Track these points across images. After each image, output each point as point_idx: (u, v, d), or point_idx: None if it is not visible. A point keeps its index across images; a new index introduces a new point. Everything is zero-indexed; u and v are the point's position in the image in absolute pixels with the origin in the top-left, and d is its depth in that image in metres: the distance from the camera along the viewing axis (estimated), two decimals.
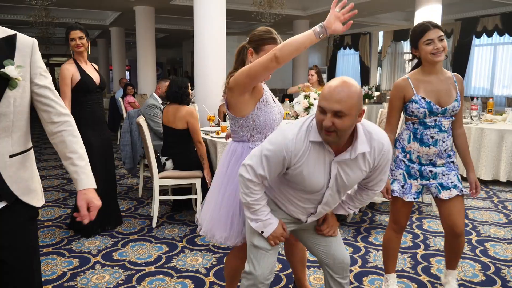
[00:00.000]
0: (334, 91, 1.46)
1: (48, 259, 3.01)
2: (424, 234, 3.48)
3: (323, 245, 1.89)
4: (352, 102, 1.46)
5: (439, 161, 2.23)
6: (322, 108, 1.49)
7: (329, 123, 1.46)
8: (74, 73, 3.27)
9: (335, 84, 1.49)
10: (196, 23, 5.59)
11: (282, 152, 1.57)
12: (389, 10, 10.60)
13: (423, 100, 2.16)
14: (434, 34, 2.11)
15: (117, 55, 13.00)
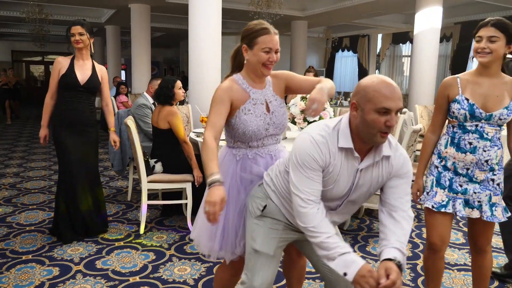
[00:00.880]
0: (394, 89, 1.38)
1: (27, 267, 2.83)
2: (423, 244, 3.32)
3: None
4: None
5: (478, 174, 2.01)
6: (387, 108, 1.37)
7: (395, 122, 1.38)
8: (63, 67, 3.16)
9: (386, 82, 1.40)
10: (191, 22, 5.41)
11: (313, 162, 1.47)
12: (389, 12, 10.47)
13: (466, 101, 1.99)
14: (485, 32, 1.95)
15: (112, 53, 12.81)
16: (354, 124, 1.46)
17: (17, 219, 3.77)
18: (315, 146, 1.45)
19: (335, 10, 9.59)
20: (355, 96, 1.44)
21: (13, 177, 5.29)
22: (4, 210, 4.00)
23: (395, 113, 1.38)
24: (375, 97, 1.37)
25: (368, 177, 1.52)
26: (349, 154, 1.48)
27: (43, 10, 9.89)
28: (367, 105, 1.38)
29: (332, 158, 1.46)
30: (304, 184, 1.46)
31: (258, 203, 1.70)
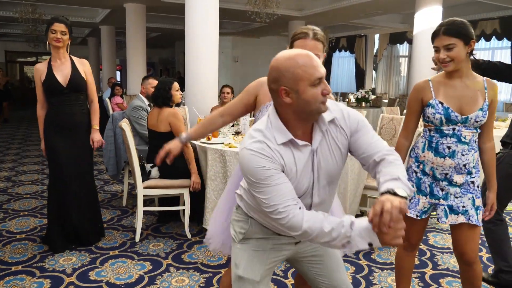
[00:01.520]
0: (313, 56, 1.30)
1: (16, 279, 2.69)
2: (430, 251, 3.22)
3: (325, 276, 1.61)
4: None
5: (457, 178, 1.95)
6: (320, 77, 1.29)
7: (329, 87, 1.32)
8: (42, 73, 3.03)
9: (303, 54, 1.30)
10: (187, 22, 5.29)
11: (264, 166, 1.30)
12: (387, 12, 10.38)
13: (441, 105, 1.91)
14: (440, 42, 1.91)
15: (107, 54, 12.64)
16: (287, 113, 1.33)
17: (8, 226, 3.62)
18: (257, 155, 1.30)
19: (332, 10, 9.50)
20: (279, 82, 1.29)
21: (4, 181, 5.14)
22: None
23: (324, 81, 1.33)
24: (305, 72, 1.27)
25: (327, 152, 1.38)
26: (295, 145, 1.35)
27: (36, 10, 9.72)
28: (301, 84, 1.27)
29: (280, 157, 1.32)
30: (274, 196, 1.28)
31: (240, 227, 1.55)
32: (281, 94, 1.29)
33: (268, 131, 1.34)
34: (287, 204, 1.27)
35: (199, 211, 3.46)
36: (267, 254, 1.51)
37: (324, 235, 1.25)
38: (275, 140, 1.32)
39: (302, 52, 1.30)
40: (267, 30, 12.63)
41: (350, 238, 1.23)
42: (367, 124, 1.43)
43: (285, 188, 1.29)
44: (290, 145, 1.34)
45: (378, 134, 4.69)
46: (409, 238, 2.11)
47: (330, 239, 1.25)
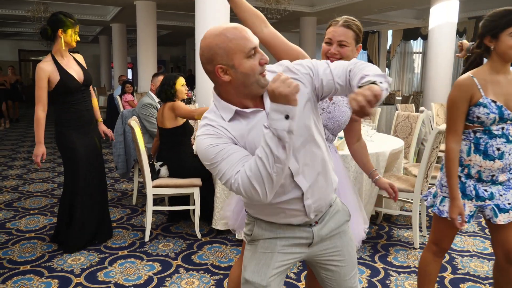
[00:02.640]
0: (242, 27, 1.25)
1: (24, 279, 2.65)
2: (449, 254, 3.09)
3: (335, 281, 1.51)
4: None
5: (501, 177, 1.86)
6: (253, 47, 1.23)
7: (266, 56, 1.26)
8: (52, 73, 2.86)
9: (231, 27, 1.24)
10: (198, 18, 5.22)
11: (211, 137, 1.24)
12: (401, 7, 10.18)
13: (494, 104, 1.78)
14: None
15: (118, 52, 12.64)
16: (228, 91, 1.27)
17: (17, 225, 3.60)
18: (203, 138, 1.24)
19: (344, 6, 9.34)
20: (214, 61, 1.22)
21: (15, 179, 5.13)
22: (4, 215, 3.83)
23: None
24: (238, 45, 1.21)
25: None
26: (245, 116, 1.27)
27: (48, 8, 9.75)
28: (236, 58, 1.21)
29: (227, 131, 1.25)
30: (227, 169, 1.19)
31: (248, 229, 1.47)
32: (218, 73, 1.23)
33: (213, 114, 1.28)
34: (236, 170, 1.19)
35: (209, 210, 3.39)
36: (275, 256, 1.41)
37: (264, 162, 1.14)
38: (223, 118, 1.26)
39: (230, 25, 1.24)
40: (278, 27, 12.47)
41: (273, 130, 1.13)
42: (320, 64, 1.32)
43: (236, 157, 1.21)
44: (239, 117, 1.27)
45: (393, 132, 4.56)
46: (443, 243, 2.02)
47: (269, 155, 1.14)
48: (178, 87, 3.34)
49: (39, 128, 2.88)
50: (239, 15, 1.79)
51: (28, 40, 17.31)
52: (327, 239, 1.45)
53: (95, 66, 17.98)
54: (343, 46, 1.74)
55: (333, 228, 1.45)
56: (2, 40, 17.11)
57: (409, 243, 3.25)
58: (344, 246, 1.48)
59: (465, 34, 11.24)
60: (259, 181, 1.16)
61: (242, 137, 1.26)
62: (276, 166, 1.15)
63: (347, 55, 1.76)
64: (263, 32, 1.76)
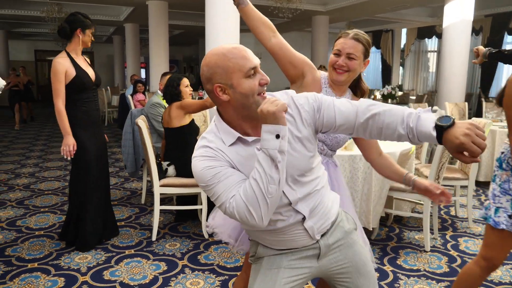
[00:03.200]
0: (242, 47, 1.23)
1: (31, 277, 2.66)
2: (461, 257, 3.01)
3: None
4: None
5: None
6: (253, 67, 1.22)
7: (267, 77, 1.25)
8: (68, 68, 2.90)
9: (231, 47, 1.23)
10: (207, 18, 5.21)
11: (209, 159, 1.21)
12: (414, 5, 10.02)
13: None
14: None
15: (131, 52, 12.74)
16: (228, 112, 1.26)
17: (27, 222, 3.63)
18: (201, 159, 1.21)
19: (357, 4, 9.23)
20: (212, 80, 1.22)
21: (28, 177, 5.20)
22: (15, 213, 3.87)
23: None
24: (236, 64, 1.20)
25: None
26: (245, 143, 1.24)
27: (62, 9, 9.87)
28: (234, 77, 1.20)
29: (225, 155, 1.23)
30: (223, 192, 1.18)
31: (252, 250, 1.44)
32: (217, 92, 1.22)
33: (213, 135, 1.26)
34: (232, 195, 1.17)
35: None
36: (281, 272, 1.35)
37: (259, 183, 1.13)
38: (224, 142, 1.24)
39: (230, 45, 1.23)
40: (290, 26, 12.44)
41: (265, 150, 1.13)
42: (324, 99, 1.29)
43: (232, 181, 1.18)
44: (240, 143, 1.25)
45: None
46: (495, 259, 1.87)
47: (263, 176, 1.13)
48: (182, 88, 3.34)
49: (63, 120, 2.89)
50: (247, 23, 1.79)
51: (44, 40, 17.57)
52: (336, 250, 1.39)
53: (109, 65, 18.18)
54: (351, 59, 1.72)
55: (339, 237, 1.39)
56: (19, 40, 17.41)
57: (420, 246, 3.18)
58: (355, 256, 1.41)
59: (482, 32, 11.01)
60: (254, 204, 1.14)
61: (241, 164, 1.23)
62: (270, 187, 1.14)
63: (354, 69, 1.74)
64: (271, 41, 1.76)
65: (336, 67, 1.73)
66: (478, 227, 3.61)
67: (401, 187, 3.14)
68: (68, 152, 2.88)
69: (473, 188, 3.64)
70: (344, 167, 2.95)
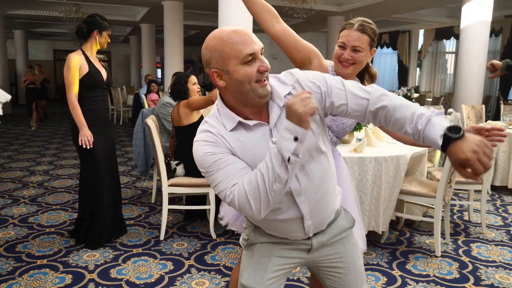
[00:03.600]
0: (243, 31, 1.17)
1: (40, 273, 2.70)
2: (473, 263, 2.94)
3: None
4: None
5: None
6: (252, 53, 1.15)
7: (267, 64, 1.17)
8: (83, 65, 2.96)
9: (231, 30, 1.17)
10: (220, 18, 5.23)
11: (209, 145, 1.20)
12: (432, 6, 9.86)
13: None
14: None
15: (147, 52, 12.87)
16: (228, 97, 1.22)
17: (39, 219, 3.68)
18: (201, 144, 1.21)
19: (373, 4, 9.14)
20: (210, 64, 1.19)
21: (42, 175, 5.28)
22: (28, 209, 3.94)
23: (261, 54, 1.18)
24: (233, 49, 1.14)
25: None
26: (247, 128, 1.21)
27: (79, 9, 10.04)
28: (230, 63, 1.15)
29: (225, 141, 1.20)
30: (223, 180, 1.16)
31: (245, 233, 1.43)
32: (213, 77, 1.19)
33: (214, 120, 1.24)
34: (233, 183, 1.15)
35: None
36: (272, 260, 1.36)
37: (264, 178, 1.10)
38: (225, 127, 1.21)
39: (230, 28, 1.17)
40: (305, 26, 12.39)
41: (279, 147, 1.08)
42: (334, 84, 1.24)
43: (233, 169, 1.16)
44: (241, 128, 1.21)
45: None
46: None
47: (270, 171, 1.10)
48: (189, 85, 3.35)
49: (77, 113, 2.94)
50: (250, 9, 1.76)
51: (62, 40, 17.89)
52: (329, 245, 1.38)
53: (126, 65, 18.41)
54: (357, 52, 1.68)
55: (334, 234, 1.38)
56: (38, 40, 17.76)
57: (430, 251, 3.12)
58: (347, 252, 1.41)
59: (502, 34, 10.77)
60: (255, 197, 1.12)
61: (241, 150, 1.21)
62: (275, 185, 1.11)
63: (361, 61, 1.70)
64: (274, 27, 1.72)
65: (342, 60, 1.69)
66: (492, 232, 3.52)
67: (411, 190, 3.08)
68: (87, 142, 2.93)
69: (487, 193, 3.55)
70: (353, 169, 2.91)
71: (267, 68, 1.17)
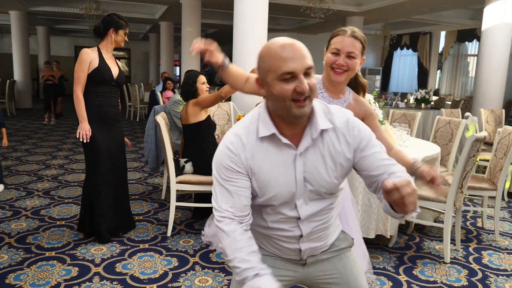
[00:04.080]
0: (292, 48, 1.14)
1: (47, 265, 2.75)
2: (483, 271, 2.86)
3: None
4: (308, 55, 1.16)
5: None
6: (290, 72, 1.13)
7: (306, 86, 1.12)
8: (94, 59, 3.01)
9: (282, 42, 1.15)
10: (236, 18, 5.25)
11: (229, 160, 1.20)
12: (454, 7, 9.66)
13: None
14: None
15: (165, 49, 12.98)
16: (269, 106, 1.23)
17: (51, 212, 3.75)
18: (225, 150, 1.21)
19: (393, 5, 9.00)
20: (257, 70, 1.22)
21: (57, 168, 5.38)
22: (40, 202, 4.02)
23: (305, 75, 1.14)
24: (274, 64, 1.14)
25: (318, 162, 1.20)
26: (277, 143, 1.19)
27: (100, 6, 10.19)
28: (269, 76, 1.16)
29: (250, 154, 1.19)
30: (222, 198, 1.21)
31: None
32: (258, 83, 1.21)
33: (252, 122, 1.23)
34: (225, 214, 1.20)
35: None
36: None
37: (226, 257, 1.21)
38: (257, 132, 1.20)
39: (283, 41, 1.16)
40: (323, 27, 12.30)
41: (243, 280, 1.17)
42: (374, 143, 1.24)
43: (236, 199, 1.20)
44: (271, 140, 1.20)
45: (432, 138, 4.31)
46: None
47: (231, 265, 1.21)
48: (198, 85, 3.36)
49: (79, 106, 3.01)
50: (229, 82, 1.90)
51: (84, 37, 18.20)
52: (325, 260, 1.37)
53: (145, 63, 18.61)
54: (351, 58, 1.66)
55: (330, 256, 1.38)
56: (60, 36, 18.11)
57: (439, 257, 3.05)
58: (346, 269, 1.37)
59: None
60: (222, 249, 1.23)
61: (260, 165, 1.20)
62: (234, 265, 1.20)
63: (354, 68, 1.69)
64: (245, 85, 1.80)
65: (335, 66, 1.67)
66: (506, 240, 3.42)
67: (421, 194, 3.01)
68: (85, 136, 2.97)
69: (501, 199, 3.45)
70: None
71: (304, 91, 1.13)
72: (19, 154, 6.20)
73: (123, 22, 3.09)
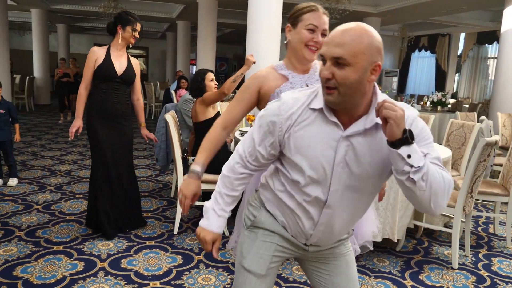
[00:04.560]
0: (337, 33, 1.11)
1: (55, 259, 2.79)
2: (492, 278, 2.80)
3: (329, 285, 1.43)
4: (360, 48, 1.08)
5: None
6: (322, 55, 1.14)
7: (327, 73, 1.11)
8: (100, 57, 3.07)
9: (343, 27, 1.12)
10: (250, 18, 5.26)
11: (273, 116, 1.23)
12: (473, 9, 9.47)
13: None
14: None
15: (182, 48, 13.07)
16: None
17: (62, 207, 3.82)
18: (280, 107, 1.22)
19: (411, 6, 8.87)
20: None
21: (70, 164, 5.48)
22: (52, 197, 4.09)
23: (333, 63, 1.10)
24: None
25: (364, 151, 1.16)
26: (325, 119, 1.18)
27: (118, 5, 10.31)
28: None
29: (303, 118, 1.19)
30: (245, 144, 1.32)
31: (250, 212, 1.42)
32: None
33: (313, 93, 1.23)
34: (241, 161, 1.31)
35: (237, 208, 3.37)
36: (273, 248, 1.38)
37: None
38: (311, 102, 1.21)
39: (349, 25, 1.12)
40: None
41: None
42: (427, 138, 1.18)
43: (256, 153, 1.28)
44: (319, 114, 1.19)
45: (445, 141, 4.23)
46: None
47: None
48: (207, 82, 3.37)
49: (80, 104, 3.11)
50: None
51: (102, 35, 18.46)
52: (324, 259, 1.44)
53: (162, 61, 18.77)
54: (324, 36, 1.60)
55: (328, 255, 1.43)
56: (79, 34, 18.41)
57: (447, 263, 2.99)
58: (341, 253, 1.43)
59: None
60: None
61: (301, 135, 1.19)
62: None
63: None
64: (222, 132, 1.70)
65: (312, 44, 1.60)
66: None
67: None
68: (72, 132, 3.06)
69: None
70: None
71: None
72: (34, 149, 6.33)
73: (131, 18, 3.09)
